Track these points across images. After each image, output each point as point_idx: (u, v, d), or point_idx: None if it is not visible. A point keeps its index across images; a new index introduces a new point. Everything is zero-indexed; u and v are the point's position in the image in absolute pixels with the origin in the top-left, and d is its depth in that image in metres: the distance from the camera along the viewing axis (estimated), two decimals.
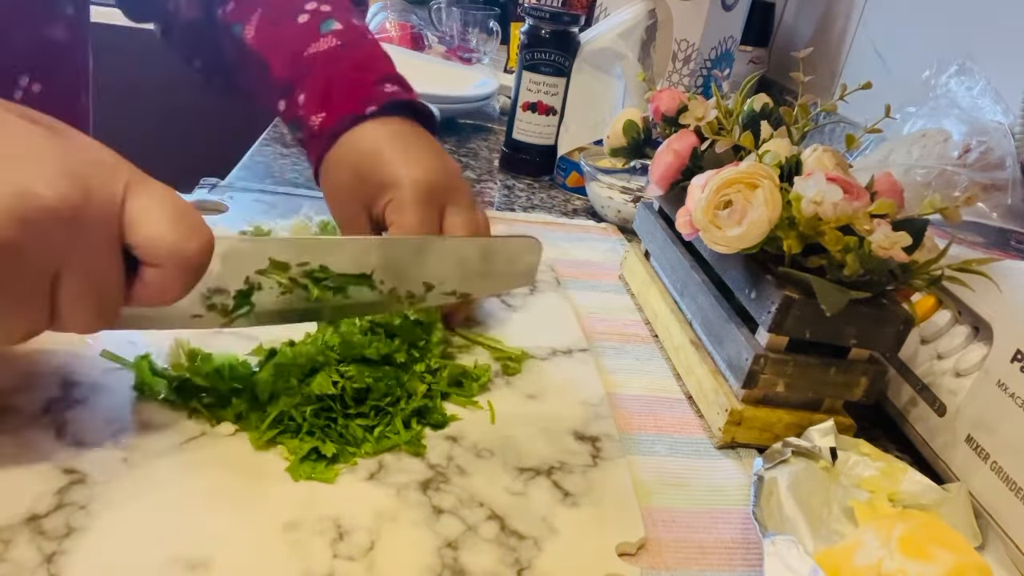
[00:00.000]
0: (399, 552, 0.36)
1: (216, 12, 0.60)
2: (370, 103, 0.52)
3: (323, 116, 0.52)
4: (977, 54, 0.72)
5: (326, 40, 0.55)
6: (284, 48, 0.56)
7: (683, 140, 0.57)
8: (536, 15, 0.91)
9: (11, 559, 0.32)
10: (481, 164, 1.00)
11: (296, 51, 0.55)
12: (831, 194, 0.42)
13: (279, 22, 0.57)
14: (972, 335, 0.50)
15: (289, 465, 0.40)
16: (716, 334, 0.53)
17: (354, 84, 0.54)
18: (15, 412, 0.40)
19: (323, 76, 0.54)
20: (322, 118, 0.52)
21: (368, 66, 0.55)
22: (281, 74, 0.55)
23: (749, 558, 0.41)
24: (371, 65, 0.55)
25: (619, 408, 0.52)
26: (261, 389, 0.42)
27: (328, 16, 0.57)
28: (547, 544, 0.38)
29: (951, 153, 0.65)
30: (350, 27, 0.57)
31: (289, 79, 0.55)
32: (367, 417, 0.43)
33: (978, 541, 0.42)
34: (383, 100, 0.53)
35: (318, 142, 0.53)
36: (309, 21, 0.56)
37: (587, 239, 0.81)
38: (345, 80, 0.54)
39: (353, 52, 0.56)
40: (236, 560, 0.34)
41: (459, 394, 0.48)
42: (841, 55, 1.08)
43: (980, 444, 0.46)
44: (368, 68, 0.55)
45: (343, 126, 0.52)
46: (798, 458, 0.45)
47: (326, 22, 0.56)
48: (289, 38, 0.56)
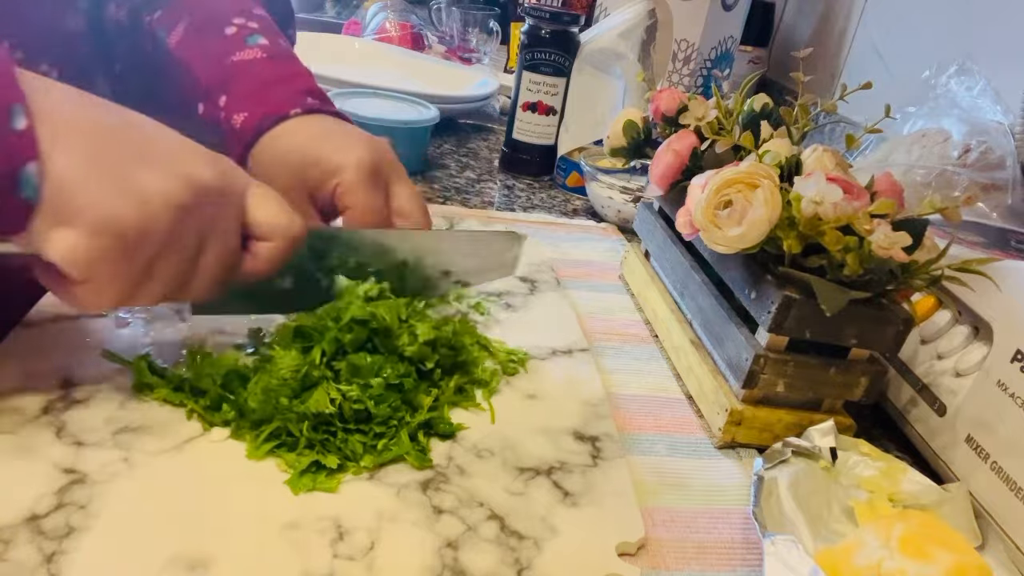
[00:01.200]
0: (399, 552, 0.36)
1: (143, 18, 0.60)
2: (294, 106, 0.53)
3: (245, 115, 0.53)
4: (977, 54, 0.72)
5: (251, 51, 0.57)
6: (208, 55, 0.57)
7: (683, 140, 0.57)
8: (536, 15, 0.91)
9: (11, 559, 0.32)
10: (481, 164, 1.00)
11: (220, 58, 0.56)
12: (831, 194, 0.42)
13: (205, 31, 0.58)
14: (972, 335, 0.50)
15: (289, 479, 0.39)
16: (716, 334, 0.53)
17: (278, 90, 0.55)
18: (15, 412, 0.40)
19: (247, 81, 0.55)
20: (244, 117, 0.53)
21: (292, 79, 0.56)
22: (203, 78, 0.56)
23: (749, 558, 0.41)
24: (295, 79, 0.57)
25: (619, 408, 0.52)
26: (249, 409, 0.41)
27: (255, 32, 0.58)
28: (547, 544, 0.38)
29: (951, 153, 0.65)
30: (276, 45, 0.58)
31: (211, 83, 0.56)
32: (367, 435, 0.42)
33: (978, 541, 0.42)
34: (307, 106, 0.54)
35: (239, 139, 0.53)
36: (236, 33, 0.58)
37: (587, 239, 0.81)
38: (269, 86, 0.55)
39: (278, 65, 0.57)
40: (236, 560, 0.34)
41: (465, 401, 0.48)
42: (841, 55, 1.08)
43: (980, 444, 0.46)
44: (292, 81, 0.56)
45: (267, 124, 0.53)
46: (798, 458, 0.45)
47: (253, 36, 0.58)
48: (214, 46, 0.57)
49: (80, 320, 0.48)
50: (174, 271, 0.38)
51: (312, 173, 0.50)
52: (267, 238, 0.42)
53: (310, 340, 0.45)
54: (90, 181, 0.34)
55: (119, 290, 0.36)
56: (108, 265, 0.35)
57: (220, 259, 0.40)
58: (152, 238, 0.36)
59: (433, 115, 0.90)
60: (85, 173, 0.34)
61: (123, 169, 0.36)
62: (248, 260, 0.42)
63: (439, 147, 1.03)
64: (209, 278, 0.40)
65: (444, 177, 0.92)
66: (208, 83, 0.56)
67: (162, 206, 0.36)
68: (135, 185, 0.35)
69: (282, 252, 0.42)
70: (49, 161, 0.33)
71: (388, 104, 0.92)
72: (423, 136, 0.91)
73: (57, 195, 0.34)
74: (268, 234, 0.42)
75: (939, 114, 0.70)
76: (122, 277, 0.36)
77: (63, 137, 0.34)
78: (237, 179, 0.41)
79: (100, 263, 0.35)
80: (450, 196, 0.85)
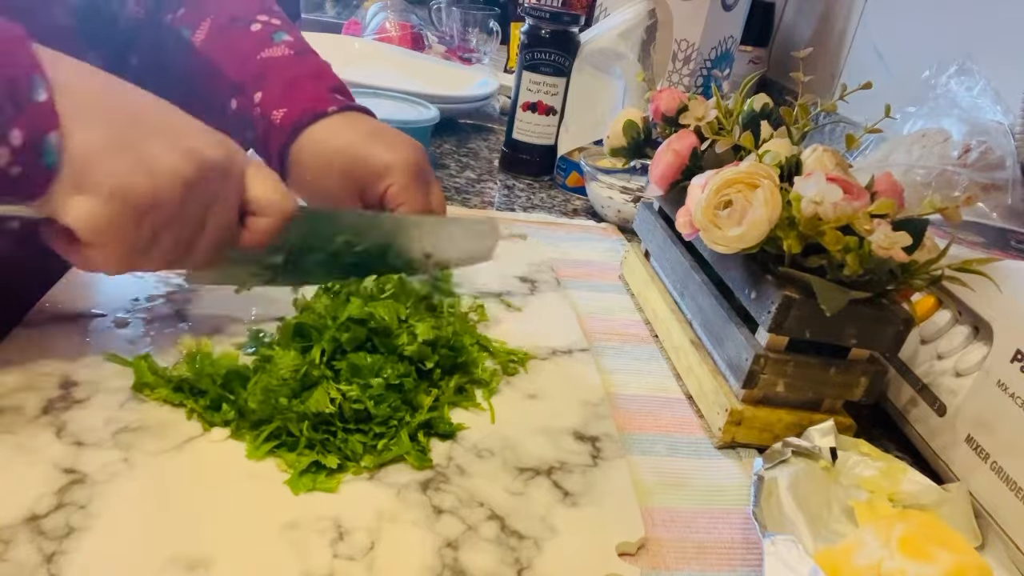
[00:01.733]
0: (399, 552, 0.36)
1: (163, 16, 0.61)
2: (330, 103, 0.55)
3: (284, 111, 0.55)
4: (977, 54, 0.72)
5: (279, 48, 0.58)
6: (237, 51, 0.58)
7: (683, 140, 0.57)
8: (536, 15, 0.91)
9: (11, 559, 0.32)
10: (481, 164, 1.00)
11: (249, 55, 0.58)
12: (831, 194, 0.42)
13: (231, 29, 0.59)
14: (972, 335, 0.50)
15: (289, 479, 0.39)
16: (716, 334, 0.53)
17: (309, 86, 0.57)
18: (15, 412, 0.40)
19: (281, 77, 0.57)
20: (284, 112, 0.55)
21: (321, 75, 0.58)
22: (233, 75, 0.58)
23: (749, 558, 0.41)
24: (323, 75, 0.58)
25: (619, 408, 0.52)
26: (249, 409, 0.41)
27: (279, 29, 0.60)
28: (547, 544, 0.38)
29: (951, 153, 0.65)
30: (300, 41, 0.60)
31: (242, 80, 0.57)
32: (366, 435, 0.42)
33: (978, 541, 0.42)
34: (341, 103, 0.56)
35: (279, 134, 0.55)
36: (261, 31, 0.59)
37: (587, 239, 0.81)
38: (303, 82, 0.57)
39: (307, 61, 0.59)
40: (236, 560, 0.34)
41: (465, 401, 0.48)
42: (841, 55, 1.08)
43: (980, 444, 0.46)
44: (321, 77, 0.58)
45: (306, 120, 0.54)
46: (798, 458, 0.45)
47: (278, 33, 0.59)
48: (241, 44, 0.59)
49: (80, 320, 0.48)
50: (178, 239, 0.41)
51: (361, 173, 0.53)
52: (263, 214, 0.45)
53: (310, 340, 0.45)
54: (107, 152, 0.37)
55: (127, 255, 0.39)
56: (119, 231, 0.37)
57: (220, 231, 0.43)
58: (161, 208, 0.39)
59: (433, 115, 0.90)
60: (102, 144, 0.37)
61: (137, 142, 0.38)
62: (244, 234, 0.45)
63: (439, 147, 1.03)
64: (209, 248, 0.43)
65: (444, 177, 0.92)
66: (240, 79, 0.57)
67: (172, 179, 0.38)
68: (148, 158, 0.38)
69: (275, 227, 0.45)
70: (68, 131, 0.36)
71: (388, 104, 0.92)
72: (423, 136, 0.91)
73: (75, 164, 0.36)
74: (264, 209, 0.45)
75: (939, 114, 0.70)
76: (130, 242, 0.38)
77: (82, 110, 0.37)
78: (238, 158, 0.44)
79: (112, 228, 0.37)
80: (450, 196, 0.85)
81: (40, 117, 0.35)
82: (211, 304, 0.53)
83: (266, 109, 0.55)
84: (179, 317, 0.51)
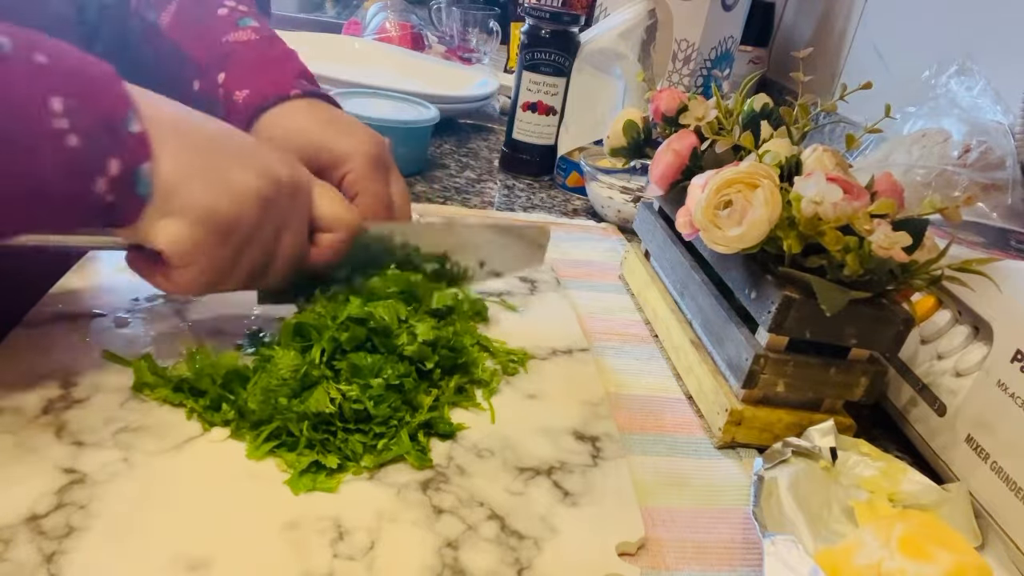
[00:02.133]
0: (399, 552, 0.36)
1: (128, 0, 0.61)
2: (293, 87, 0.55)
3: (247, 92, 0.54)
4: (977, 54, 0.72)
5: (244, 32, 0.58)
6: (202, 35, 0.58)
7: (683, 140, 0.57)
8: (536, 15, 0.91)
9: (11, 559, 0.32)
10: (481, 164, 1.00)
11: (215, 38, 0.58)
12: (831, 194, 0.42)
13: (196, 12, 0.60)
14: (972, 335, 0.50)
15: (289, 479, 0.39)
16: (716, 334, 0.53)
17: (274, 69, 0.56)
18: (15, 412, 0.40)
19: (245, 59, 0.56)
20: (246, 93, 0.54)
21: (285, 61, 0.58)
22: (197, 56, 0.58)
23: (749, 558, 0.41)
24: (288, 60, 0.58)
25: (619, 408, 0.52)
26: (249, 409, 0.41)
27: (245, 15, 0.60)
28: (547, 544, 0.38)
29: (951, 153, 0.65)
30: (265, 27, 0.60)
31: (206, 61, 0.57)
32: (366, 435, 0.42)
33: (978, 541, 0.42)
34: (304, 88, 0.56)
35: (240, 115, 0.54)
36: (228, 15, 0.59)
37: (587, 239, 0.81)
38: (266, 65, 0.57)
39: (272, 45, 0.59)
40: (236, 560, 0.34)
41: (465, 401, 0.48)
42: (841, 55, 1.08)
43: (980, 444, 0.46)
44: (286, 62, 0.58)
45: (268, 101, 0.54)
46: (798, 458, 0.45)
47: (244, 19, 0.59)
48: (207, 27, 0.59)
49: (80, 320, 0.48)
50: (256, 258, 0.43)
51: (320, 157, 0.52)
52: (331, 229, 0.47)
53: (310, 339, 0.45)
54: (193, 178, 0.39)
55: (212, 275, 0.41)
56: (206, 252, 0.40)
57: (294, 247, 0.45)
58: (242, 228, 0.41)
59: (433, 115, 0.90)
60: (188, 171, 0.39)
61: (218, 167, 0.40)
62: (313, 250, 0.47)
63: (439, 147, 1.03)
64: (283, 266, 0.45)
65: (444, 177, 0.92)
66: (204, 61, 0.57)
67: (251, 199, 0.41)
68: (228, 180, 0.40)
69: (344, 242, 0.47)
70: (158, 161, 0.38)
71: (388, 104, 0.92)
72: (423, 136, 0.91)
73: (164, 190, 0.38)
74: (332, 225, 0.46)
75: (939, 114, 0.70)
76: (216, 263, 0.40)
77: (167, 138, 0.39)
78: (305, 176, 0.46)
79: (199, 250, 0.39)
80: (450, 196, 0.85)
81: (135, 148, 0.37)
82: (211, 304, 0.53)
83: (228, 90, 0.55)
84: (179, 317, 0.51)
